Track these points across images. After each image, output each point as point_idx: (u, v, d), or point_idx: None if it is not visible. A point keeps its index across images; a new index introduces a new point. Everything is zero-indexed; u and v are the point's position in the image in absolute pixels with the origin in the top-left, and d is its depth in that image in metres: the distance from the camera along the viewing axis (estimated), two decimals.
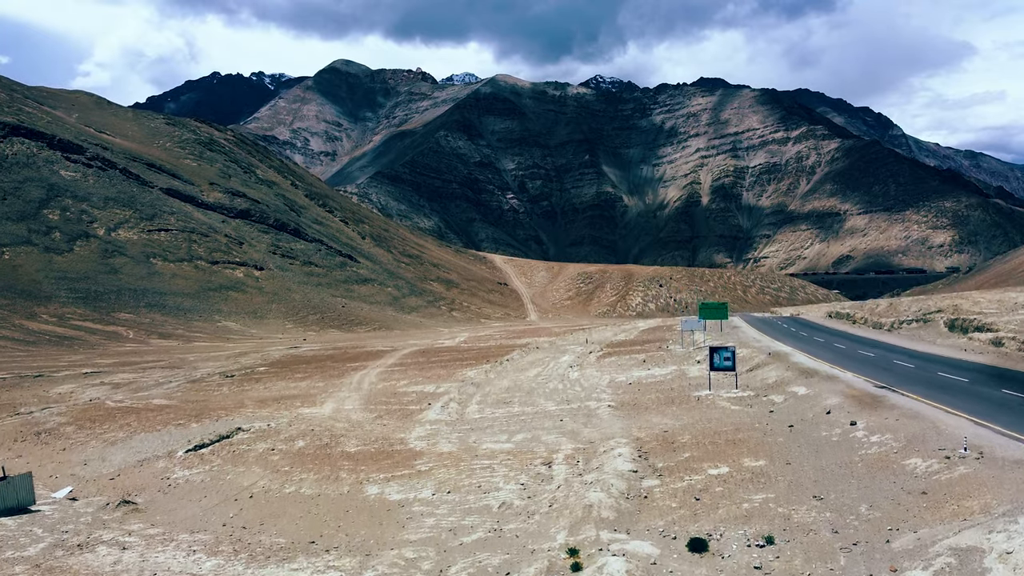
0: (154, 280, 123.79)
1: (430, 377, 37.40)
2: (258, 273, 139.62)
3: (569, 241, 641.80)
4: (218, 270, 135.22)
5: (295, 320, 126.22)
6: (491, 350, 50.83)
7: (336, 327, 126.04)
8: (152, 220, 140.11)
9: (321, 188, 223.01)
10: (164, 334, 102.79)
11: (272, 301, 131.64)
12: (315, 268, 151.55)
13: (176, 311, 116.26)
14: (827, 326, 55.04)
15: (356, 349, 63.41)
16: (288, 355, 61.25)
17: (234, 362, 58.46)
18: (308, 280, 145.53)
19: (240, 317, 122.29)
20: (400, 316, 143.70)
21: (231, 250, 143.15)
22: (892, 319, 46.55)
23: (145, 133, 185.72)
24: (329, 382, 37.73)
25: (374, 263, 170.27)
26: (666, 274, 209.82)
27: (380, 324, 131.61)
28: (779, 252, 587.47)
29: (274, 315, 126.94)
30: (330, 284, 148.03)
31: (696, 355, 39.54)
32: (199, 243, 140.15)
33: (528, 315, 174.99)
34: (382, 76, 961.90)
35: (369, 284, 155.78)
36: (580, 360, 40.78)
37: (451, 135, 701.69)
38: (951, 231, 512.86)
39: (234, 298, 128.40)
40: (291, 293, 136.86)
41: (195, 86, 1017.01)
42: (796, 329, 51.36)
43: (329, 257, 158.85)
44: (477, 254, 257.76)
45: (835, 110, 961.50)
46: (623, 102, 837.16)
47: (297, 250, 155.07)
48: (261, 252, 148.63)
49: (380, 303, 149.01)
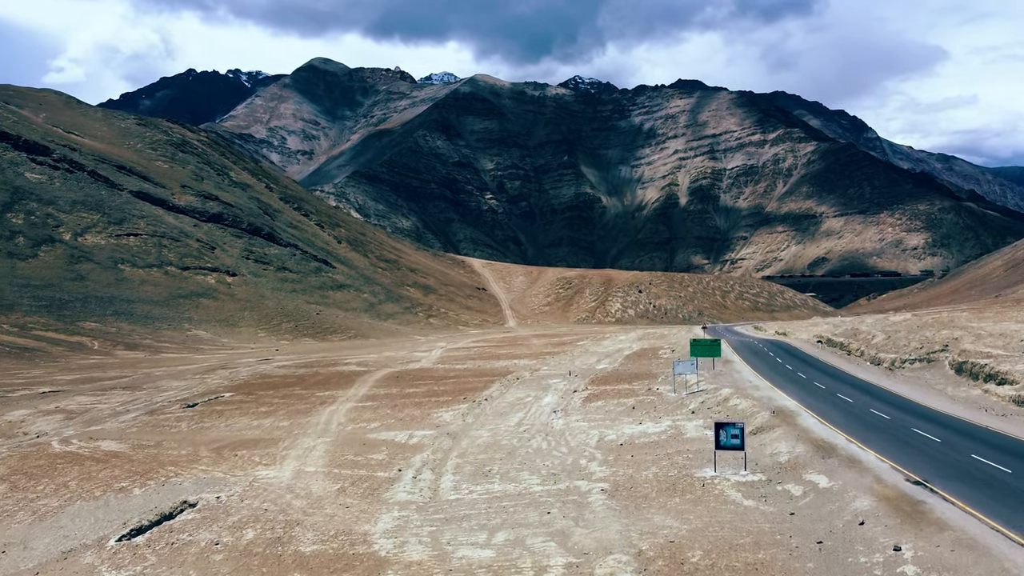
0: (122, 287, 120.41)
1: (403, 419, 34.93)
2: (230, 279, 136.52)
3: (548, 242, 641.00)
4: (189, 276, 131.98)
5: (268, 328, 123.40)
6: (468, 377, 48.12)
7: (310, 335, 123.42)
8: (121, 224, 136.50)
9: (296, 191, 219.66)
10: (131, 344, 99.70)
11: (244, 308, 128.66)
12: (289, 274, 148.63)
13: (144, 320, 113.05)
14: (821, 360, 51.23)
15: (328, 368, 61.07)
16: (256, 374, 58.89)
17: (199, 382, 56.03)
18: (282, 286, 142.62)
19: (211, 325, 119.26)
20: (376, 323, 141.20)
21: (203, 255, 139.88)
22: (893, 355, 43.46)
23: (115, 134, 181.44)
24: (295, 421, 35.42)
25: (350, 268, 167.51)
26: (645, 280, 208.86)
27: (355, 332, 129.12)
28: (756, 254, 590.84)
29: (246, 323, 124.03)
30: (305, 290, 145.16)
31: (689, 402, 36.31)
32: (170, 248, 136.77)
33: (506, 321, 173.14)
34: (360, 75, 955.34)
35: (345, 290, 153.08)
36: (564, 402, 38.01)
37: (430, 135, 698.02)
38: (925, 234, 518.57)
39: (205, 305, 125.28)
40: (264, 300, 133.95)
41: (170, 83, 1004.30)
42: (792, 367, 48.05)
43: (304, 262, 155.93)
44: (455, 258, 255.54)
45: (811, 113, 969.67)
46: (602, 103, 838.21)
47: (271, 255, 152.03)
48: (234, 257, 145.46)
49: (356, 310, 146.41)
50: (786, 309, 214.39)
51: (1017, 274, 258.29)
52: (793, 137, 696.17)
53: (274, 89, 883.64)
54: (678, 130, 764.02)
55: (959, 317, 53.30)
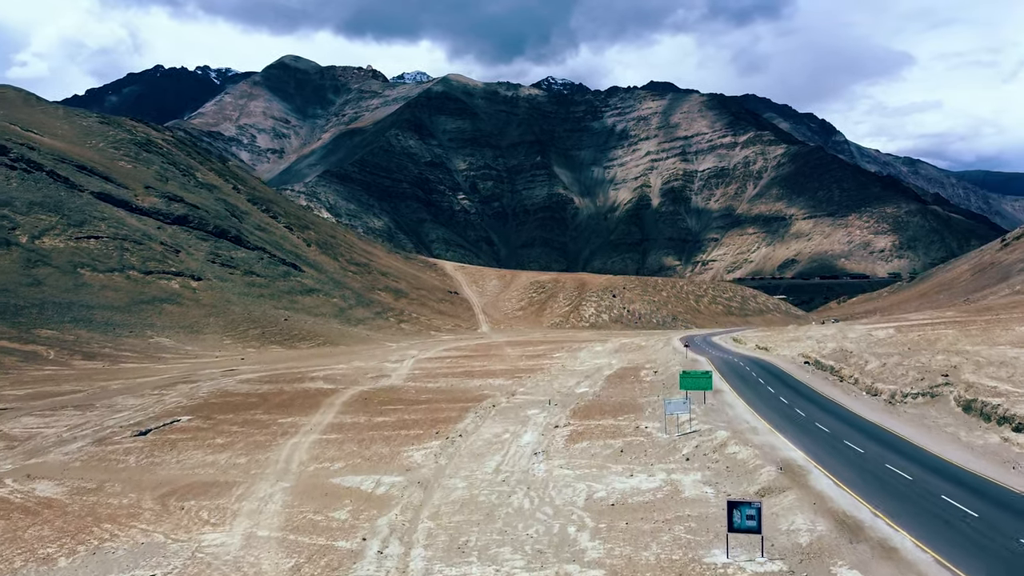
0: (81, 292, 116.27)
1: (370, 459, 32.19)
2: (195, 284, 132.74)
3: (520, 243, 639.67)
4: (152, 281, 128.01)
5: (234, 335, 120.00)
6: (440, 403, 45.06)
7: (278, 342, 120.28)
8: (81, 227, 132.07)
9: (265, 192, 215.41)
10: (89, 354, 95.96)
11: (210, 314, 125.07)
12: (257, 278, 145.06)
13: (104, 327, 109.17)
14: (815, 389, 47.86)
15: (293, 384, 58.45)
16: (218, 391, 56.16)
17: (156, 400, 53.26)
18: (249, 291, 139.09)
19: (174, 332, 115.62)
20: (346, 329, 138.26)
21: (167, 259, 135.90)
22: (891, 386, 40.80)
23: (77, 132, 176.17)
24: (252, 457, 32.89)
25: (320, 272, 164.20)
26: (619, 284, 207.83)
27: (325, 339, 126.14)
28: (727, 255, 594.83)
29: (212, 329, 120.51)
30: (272, 295, 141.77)
31: (682, 445, 33.75)
32: (132, 251, 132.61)
33: (479, 327, 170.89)
34: (332, 73, 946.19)
35: (314, 295, 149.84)
36: (545, 440, 34.97)
37: (402, 134, 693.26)
38: (892, 236, 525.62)
39: (169, 311, 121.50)
40: (230, 305, 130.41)
41: (138, 79, 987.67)
42: (787, 400, 43.54)
43: (272, 266, 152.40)
44: (428, 261, 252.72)
45: (781, 115, 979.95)
46: (575, 104, 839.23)
47: (238, 259, 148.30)
48: (199, 261, 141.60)
49: (325, 315, 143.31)
50: (758, 313, 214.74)
51: (984, 278, 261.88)
52: (763, 140, 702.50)
53: (244, 86, 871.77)
54: (650, 132, 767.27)
55: (946, 335, 51.87)
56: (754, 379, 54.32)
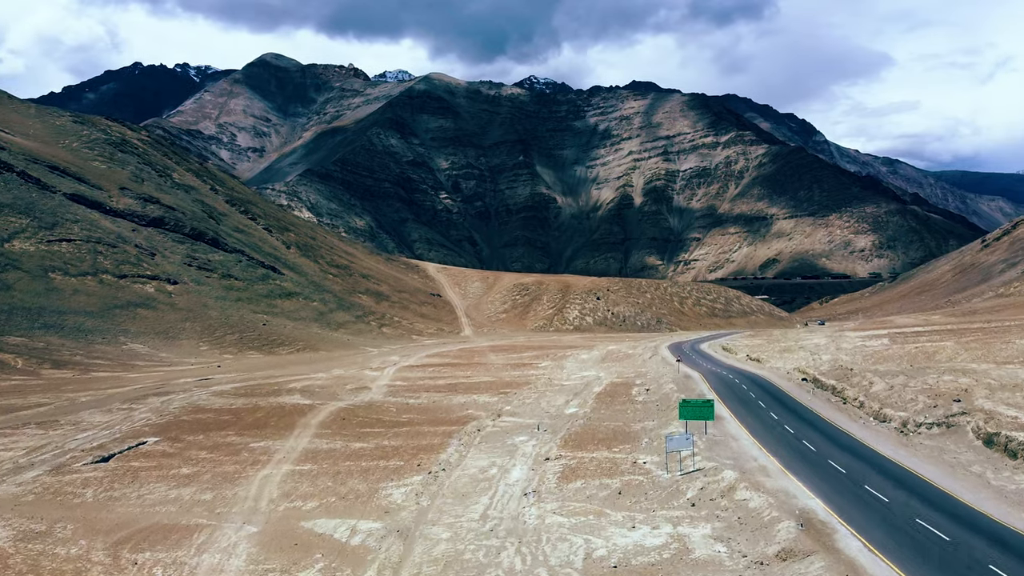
0: (52, 297, 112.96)
1: (345, 497, 29.59)
2: (171, 288, 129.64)
3: (503, 242, 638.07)
4: (126, 285, 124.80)
5: (211, 341, 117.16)
6: (422, 425, 41.88)
7: (256, 348, 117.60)
8: (52, 229, 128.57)
9: (244, 193, 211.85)
10: (59, 362, 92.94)
11: (186, 319, 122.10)
12: (235, 281, 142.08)
13: (76, 333, 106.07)
14: (820, 415, 44.93)
15: (269, 397, 56.11)
16: (189, 406, 53.76)
17: (124, 416, 50.85)
18: (227, 295, 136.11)
19: (149, 338, 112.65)
20: (326, 334, 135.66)
21: (141, 262, 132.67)
22: (902, 413, 38.74)
23: (49, 132, 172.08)
24: (219, 493, 30.58)
25: (299, 275, 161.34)
26: (603, 286, 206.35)
27: (304, 344, 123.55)
28: (709, 255, 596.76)
29: (188, 335, 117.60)
30: (251, 299, 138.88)
31: (686, 487, 30.26)
32: (105, 255, 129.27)
33: (462, 330, 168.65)
34: (313, 71, 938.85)
35: (293, 298, 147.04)
36: (535, 476, 31.94)
37: (384, 133, 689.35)
38: (872, 236, 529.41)
39: (143, 316, 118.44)
40: (207, 310, 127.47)
41: (115, 76, 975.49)
42: (793, 429, 40.49)
43: (250, 269, 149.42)
44: (409, 262, 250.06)
45: (762, 115, 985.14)
46: (557, 103, 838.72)
47: (215, 262, 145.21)
48: (175, 264, 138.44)
49: (305, 319, 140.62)
50: (742, 315, 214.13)
51: (965, 279, 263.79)
52: (745, 140, 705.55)
53: (224, 84, 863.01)
54: (632, 131, 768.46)
55: (944, 348, 50.51)
56: (753, 401, 50.71)
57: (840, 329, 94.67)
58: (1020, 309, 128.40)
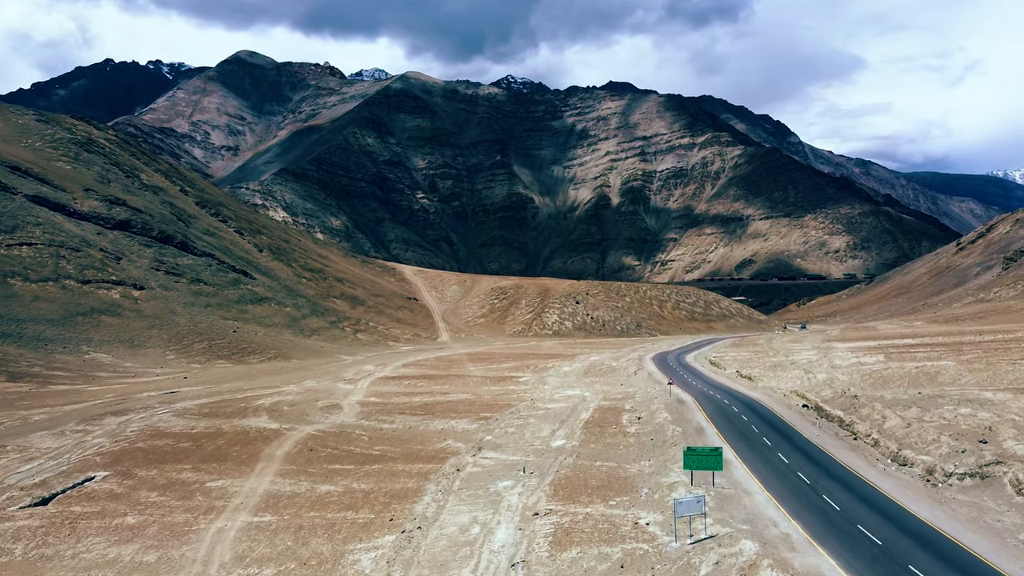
0: (11, 304, 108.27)
1: (307, 563, 24.65)
2: (137, 293, 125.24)
3: (480, 242, 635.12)
4: (90, 291, 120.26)
5: (178, 349, 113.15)
6: (396, 461, 36.15)
7: (225, 356, 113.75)
8: (12, 232, 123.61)
9: (215, 194, 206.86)
10: (16, 374, 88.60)
11: (152, 326, 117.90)
12: (204, 286, 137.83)
13: (35, 342, 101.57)
14: (834, 456, 40.27)
15: (233, 419, 52.78)
16: (147, 430, 50.37)
17: (76, 443, 47.42)
18: (196, 301, 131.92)
19: (113, 347, 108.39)
20: (299, 341, 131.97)
21: (106, 267, 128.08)
22: (924, 457, 34.72)
23: (11, 131, 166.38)
24: (164, 553, 26.92)
25: (272, 279, 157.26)
26: (582, 289, 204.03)
27: (276, 352, 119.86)
28: (685, 255, 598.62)
29: (154, 343, 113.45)
30: (221, 304, 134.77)
31: (698, 561, 25.76)
32: (69, 259, 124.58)
33: (439, 335, 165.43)
34: (289, 69, 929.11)
35: (265, 304, 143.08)
36: (524, 540, 26.43)
37: (360, 132, 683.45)
38: (846, 236, 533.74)
39: (107, 324, 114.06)
40: (175, 316, 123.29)
41: (87, 73, 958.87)
42: (809, 478, 36.19)
43: (221, 273, 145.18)
44: (386, 265, 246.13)
45: (737, 117, 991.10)
46: (534, 103, 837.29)
47: (184, 266, 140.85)
48: (142, 269, 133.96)
49: (277, 325, 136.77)
50: (721, 319, 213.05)
51: (941, 282, 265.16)
52: (721, 141, 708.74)
53: (197, 82, 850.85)
54: (610, 132, 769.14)
55: (946, 369, 48.36)
56: (757, 437, 46.03)
57: (827, 339, 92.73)
58: (1003, 316, 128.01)
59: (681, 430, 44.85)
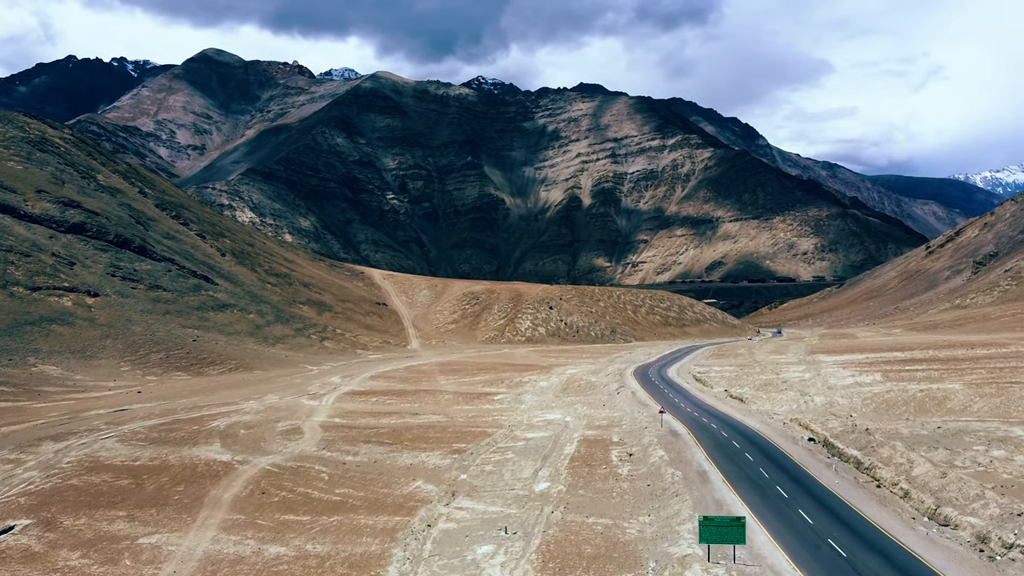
0: None
1: None
2: (91, 301, 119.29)
3: (451, 243, 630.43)
4: (40, 298, 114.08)
5: (133, 360, 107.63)
6: (358, 513, 31.05)
7: (184, 368, 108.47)
8: None
9: (176, 196, 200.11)
10: None
11: (107, 336, 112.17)
12: (163, 293, 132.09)
13: None
14: (863, 514, 34.02)
15: (181, 452, 48.29)
16: (85, 463, 45.81)
17: (4, 478, 42.83)
18: (154, 308, 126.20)
19: (63, 358, 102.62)
20: (263, 350, 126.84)
21: (58, 273, 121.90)
22: (972, 519, 29.43)
23: None
24: None
25: (235, 285, 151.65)
26: (556, 294, 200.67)
27: (237, 362, 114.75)
28: (656, 257, 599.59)
29: (108, 354, 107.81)
30: (180, 312, 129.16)
31: None
32: (17, 264, 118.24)
33: (410, 342, 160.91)
34: (257, 68, 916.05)
35: (228, 311, 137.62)
36: None
37: (329, 132, 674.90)
38: (814, 238, 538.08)
39: (58, 333, 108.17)
40: (131, 325, 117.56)
41: (49, 69, 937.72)
42: (845, 547, 29.97)
43: (181, 279, 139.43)
44: (354, 269, 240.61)
45: (706, 119, 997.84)
46: (505, 104, 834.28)
47: (142, 271, 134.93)
48: (97, 275, 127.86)
49: (240, 333, 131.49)
50: (696, 323, 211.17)
51: (912, 286, 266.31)
52: (691, 143, 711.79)
53: (163, 80, 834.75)
54: (580, 133, 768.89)
55: (955, 394, 45.32)
56: (770, 486, 39.22)
57: (810, 350, 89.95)
58: (982, 323, 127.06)
59: (681, 474, 39.64)
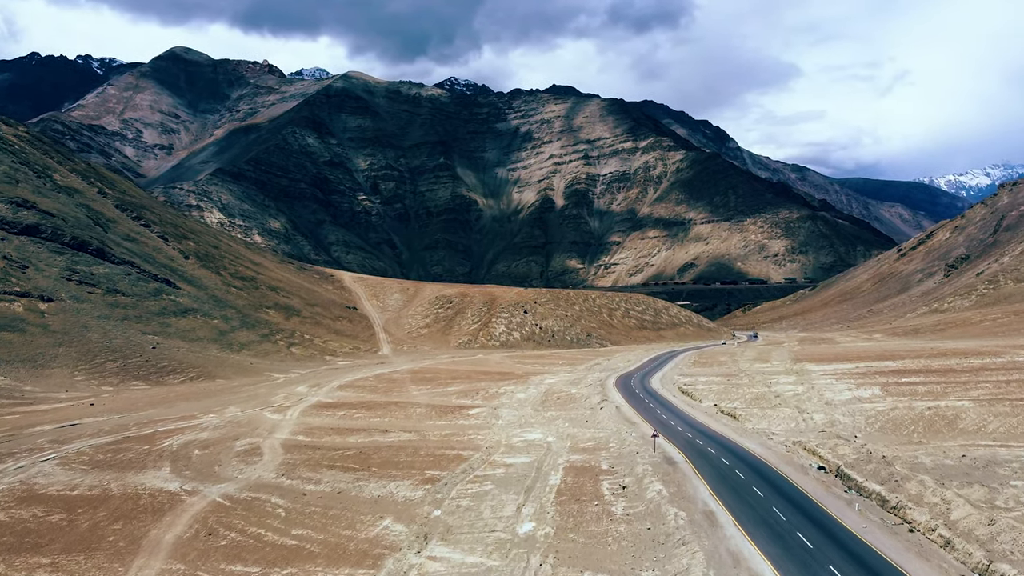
0: None
1: None
2: (44, 306, 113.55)
3: (423, 245, 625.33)
4: None
5: (88, 369, 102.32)
6: (316, 557, 28.22)
7: (142, 377, 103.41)
8: None
9: (137, 196, 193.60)
10: None
11: (60, 343, 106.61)
12: (122, 297, 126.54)
13: None
14: (897, 566, 28.38)
15: (126, 478, 44.07)
16: (15, 494, 41.45)
17: None
18: (111, 313, 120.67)
19: (13, 367, 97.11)
20: (227, 357, 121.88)
21: (9, 277, 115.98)
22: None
23: None
24: None
25: (198, 289, 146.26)
26: (530, 298, 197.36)
27: (200, 371, 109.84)
28: (629, 258, 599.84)
29: (61, 362, 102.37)
30: (140, 318, 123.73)
31: None
32: None
33: (380, 348, 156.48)
34: (226, 66, 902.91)
35: (190, 316, 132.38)
36: None
37: (300, 132, 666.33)
38: (785, 240, 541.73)
39: (8, 341, 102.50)
40: (87, 332, 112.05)
41: (10, 67, 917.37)
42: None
43: (141, 283, 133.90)
44: (324, 271, 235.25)
45: (678, 122, 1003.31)
46: (478, 105, 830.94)
47: (99, 275, 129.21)
48: (51, 279, 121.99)
49: (203, 339, 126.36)
50: (671, 327, 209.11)
51: (884, 288, 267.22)
52: (663, 146, 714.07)
53: (129, 78, 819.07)
54: (553, 135, 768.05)
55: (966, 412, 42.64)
56: (790, 532, 33.13)
57: (795, 358, 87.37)
58: (964, 328, 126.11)
59: (686, 515, 34.82)
